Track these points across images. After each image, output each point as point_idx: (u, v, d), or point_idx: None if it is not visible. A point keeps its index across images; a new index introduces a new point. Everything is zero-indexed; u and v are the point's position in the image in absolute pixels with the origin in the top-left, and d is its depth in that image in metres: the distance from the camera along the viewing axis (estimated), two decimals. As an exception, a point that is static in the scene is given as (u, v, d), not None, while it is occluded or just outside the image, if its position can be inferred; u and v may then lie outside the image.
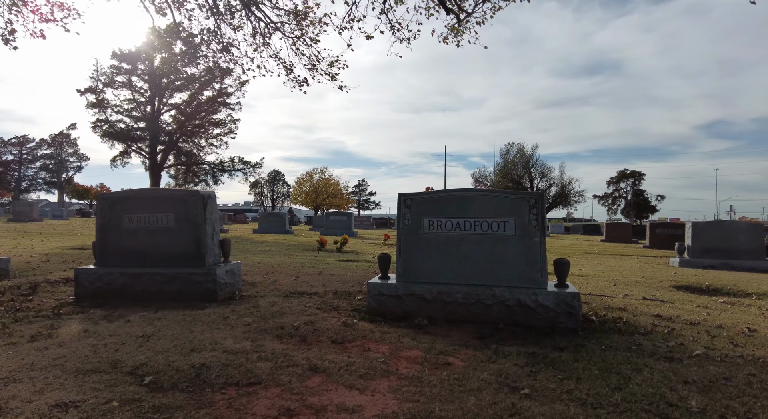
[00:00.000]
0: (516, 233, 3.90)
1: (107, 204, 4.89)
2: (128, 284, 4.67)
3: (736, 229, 9.21)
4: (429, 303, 3.99)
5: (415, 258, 4.13)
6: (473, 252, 3.99)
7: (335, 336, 3.37)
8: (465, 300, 3.91)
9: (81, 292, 4.72)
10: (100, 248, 4.89)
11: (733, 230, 9.20)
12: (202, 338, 3.21)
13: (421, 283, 4.06)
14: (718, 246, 9.15)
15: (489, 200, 3.98)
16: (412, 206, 4.16)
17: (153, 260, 4.79)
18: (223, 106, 21.49)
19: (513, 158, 55.09)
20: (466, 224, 4.02)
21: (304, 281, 5.74)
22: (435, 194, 4.16)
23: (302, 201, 58.36)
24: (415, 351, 3.10)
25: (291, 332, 3.45)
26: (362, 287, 5.41)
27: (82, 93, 20.01)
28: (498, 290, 3.84)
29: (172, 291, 4.62)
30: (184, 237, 4.75)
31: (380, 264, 4.38)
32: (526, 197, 3.90)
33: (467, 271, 4.00)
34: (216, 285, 4.56)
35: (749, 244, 9.09)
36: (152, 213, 4.81)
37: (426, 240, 4.11)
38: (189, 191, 4.87)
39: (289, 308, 4.18)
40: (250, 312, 4.01)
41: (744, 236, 9.11)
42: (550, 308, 3.71)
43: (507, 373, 2.63)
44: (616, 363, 2.79)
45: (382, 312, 4.09)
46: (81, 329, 3.42)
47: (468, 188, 4.07)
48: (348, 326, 3.66)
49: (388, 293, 4.08)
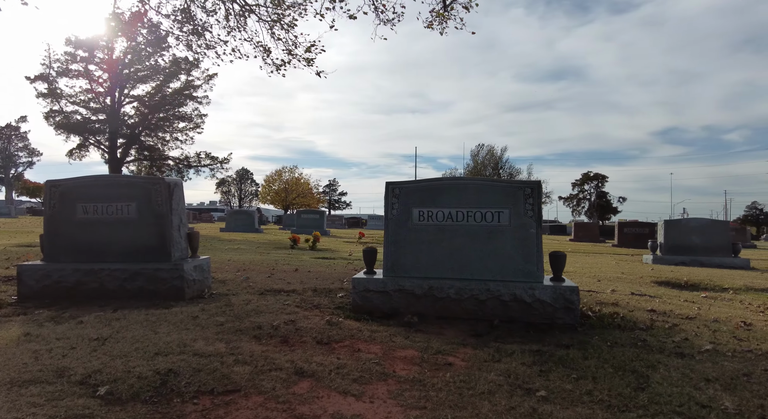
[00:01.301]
0: (511, 224, 3.68)
1: (58, 192, 4.36)
2: (82, 282, 4.17)
3: (706, 228, 9.44)
4: (419, 299, 3.72)
5: (403, 251, 3.85)
6: (466, 245, 3.75)
7: (320, 336, 3.04)
8: (458, 296, 3.66)
9: (25, 291, 4.18)
10: (49, 242, 4.35)
11: (702, 228, 9.43)
12: (169, 340, 2.81)
13: (411, 278, 3.78)
14: (688, 244, 9.35)
15: (483, 189, 3.75)
16: (400, 196, 3.88)
17: (112, 254, 4.30)
18: (189, 99, 20.52)
19: (483, 160, 55.79)
20: (459, 215, 3.78)
21: (280, 279, 5.36)
22: (425, 182, 3.90)
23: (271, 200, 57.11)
24: (410, 351, 2.81)
25: (270, 332, 3.10)
26: (343, 285, 5.08)
27: (32, 81, 18.58)
28: (493, 285, 3.61)
29: (134, 289, 4.15)
30: (147, 229, 4.29)
31: (366, 258, 4.08)
32: (522, 186, 3.70)
33: (459, 265, 3.75)
34: (183, 282, 4.13)
35: (717, 242, 9.33)
36: (111, 203, 4.32)
37: (415, 232, 3.84)
38: (153, 177, 4.40)
39: (266, 307, 3.81)
40: (223, 311, 3.62)
41: (712, 234, 9.35)
42: (548, 304, 3.52)
43: (516, 373, 2.38)
44: (628, 360, 2.60)
45: (368, 310, 3.78)
46: (21, 332, 2.95)
47: (461, 177, 3.85)
48: (333, 325, 3.34)
49: (374, 288, 3.78)
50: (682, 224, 9.55)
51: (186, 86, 20.34)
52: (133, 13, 13.59)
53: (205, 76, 20.29)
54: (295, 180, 57.35)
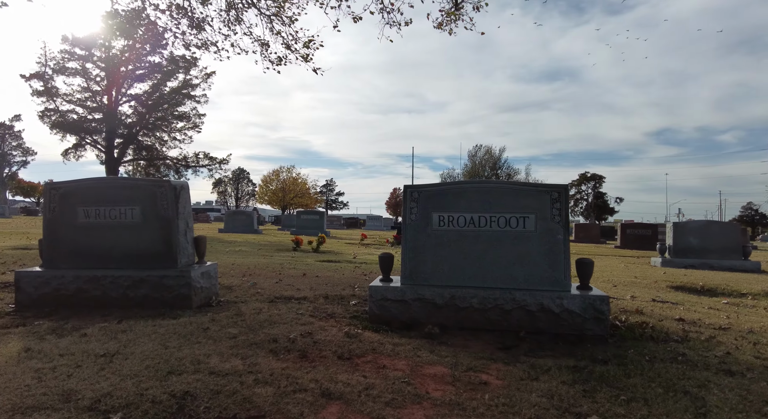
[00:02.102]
0: (537, 229, 3.52)
1: (58, 195, 4.16)
2: (84, 290, 3.97)
3: (716, 229, 9.32)
4: (440, 309, 3.54)
5: (423, 258, 3.67)
6: (489, 251, 3.58)
7: (340, 350, 2.86)
8: (481, 305, 3.48)
9: (23, 299, 3.98)
10: (48, 248, 4.15)
11: (712, 230, 9.31)
12: (181, 355, 2.62)
13: (431, 286, 3.61)
14: (698, 246, 9.23)
15: (507, 193, 3.58)
16: (419, 200, 3.70)
17: (115, 260, 4.10)
18: (187, 98, 20.24)
19: (480, 160, 55.72)
20: (482, 220, 3.60)
21: (289, 284, 5.17)
22: (446, 186, 3.72)
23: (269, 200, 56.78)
24: (439, 367, 2.64)
25: (287, 345, 2.91)
26: (355, 291, 4.90)
27: (27, 79, 18.22)
28: (518, 294, 3.44)
29: (138, 297, 3.95)
30: (152, 234, 4.09)
31: (382, 265, 3.90)
32: (549, 189, 3.53)
33: (482, 273, 3.58)
34: (191, 290, 3.94)
35: (727, 244, 9.21)
36: (113, 206, 4.12)
37: (436, 238, 3.66)
38: (158, 180, 4.21)
39: (278, 316, 3.63)
40: (234, 322, 3.43)
41: (723, 236, 9.23)
42: (577, 314, 3.35)
43: (559, 394, 2.21)
44: (675, 378, 2.44)
45: (386, 320, 3.61)
46: (21, 347, 2.75)
47: (484, 180, 3.66)
48: (352, 337, 3.16)
49: (393, 297, 3.61)
50: (691, 226, 9.43)
51: (184, 85, 20.07)
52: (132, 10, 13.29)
53: (204, 75, 20.03)
54: (293, 180, 57.06)
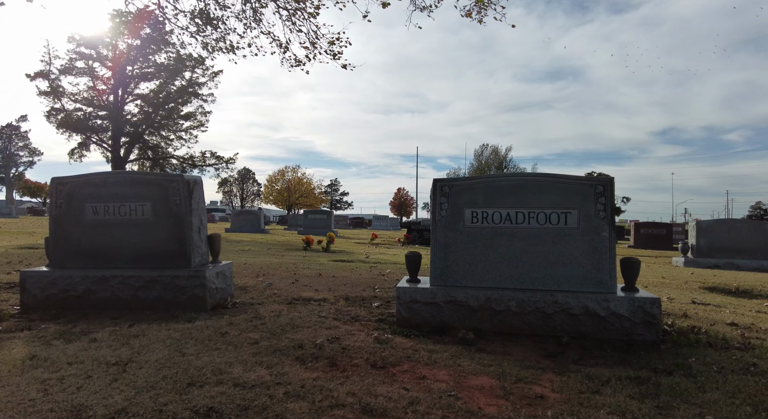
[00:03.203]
0: (580, 226, 3.25)
1: (65, 191, 3.94)
2: (92, 291, 3.75)
3: (741, 228, 9.00)
4: (474, 313, 3.29)
5: (455, 258, 3.42)
6: (528, 250, 3.32)
7: (372, 358, 2.61)
8: (519, 309, 3.22)
9: (28, 301, 3.76)
10: (54, 246, 3.93)
11: (738, 229, 8.99)
12: (200, 364, 2.38)
13: (464, 288, 3.35)
14: (723, 245, 8.91)
15: (547, 187, 3.32)
16: (450, 195, 3.45)
17: (124, 260, 3.87)
18: (194, 96, 20.06)
19: (486, 160, 55.36)
20: (519, 217, 3.35)
21: (306, 285, 4.93)
22: (479, 179, 3.47)
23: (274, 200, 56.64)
24: (484, 378, 2.38)
25: (314, 352, 2.67)
26: (376, 292, 4.65)
27: (32, 78, 18.11)
28: (560, 296, 3.18)
29: (149, 299, 3.72)
30: (164, 232, 3.86)
31: (409, 264, 3.65)
32: (593, 183, 3.27)
33: (519, 273, 3.32)
34: (205, 291, 3.70)
35: (753, 244, 8.89)
36: (123, 202, 3.89)
37: (468, 236, 3.41)
38: (170, 174, 3.98)
39: (300, 320, 3.38)
40: (254, 326, 3.19)
41: (750, 235, 8.91)
42: (625, 318, 3.08)
43: (631, 412, 1.95)
44: (757, 393, 2.17)
45: (415, 323, 3.35)
46: (26, 354, 2.52)
47: (522, 172, 3.39)
48: (382, 343, 2.91)
49: (423, 299, 3.35)
50: (716, 225, 9.11)
51: (190, 84, 19.89)
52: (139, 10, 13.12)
53: (210, 74, 19.85)
54: (298, 180, 56.90)
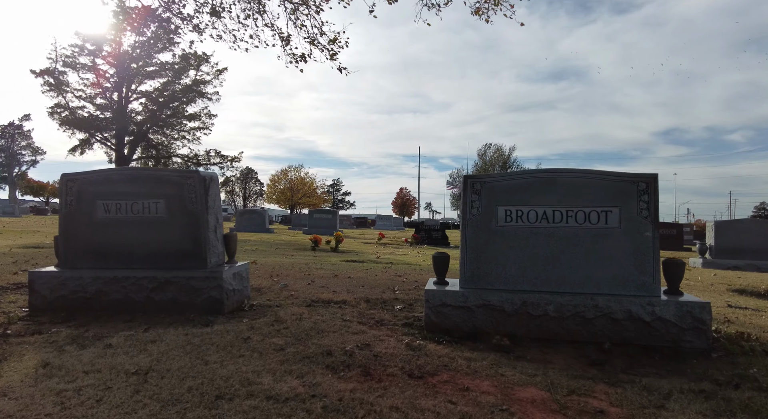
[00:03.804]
0: (621, 226, 3.07)
1: (75, 188, 3.76)
2: (104, 292, 3.57)
3: (761, 228, 8.79)
4: (509, 317, 3.11)
5: (487, 259, 3.24)
6: (565, 251, 3.14)
7: (408, 367, 2.44)
8: (558, 313, 3.04)
9: (37, 303, 3.59)
10: (64, 245, 3.76)
11: (758, 229, 8.78)
12: (226, 373, 2.20)
13: (498, 291, 3.17)
14: (742, 246, 8.70)
15: (586, 184, 3.14)
16: (482, 192, 3.27)
17: (137, 260, 3.70)
18: (199, 95, 19.90)
19: (490, 159, 55.13)
20: (556, 215, 3.16)
21: (323, 286, 4.75)
22: (514, 175, 3.28)
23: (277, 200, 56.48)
24: (533, 390, 2.20)
25: (345, 360, 2.49)
26: (396, 294, 4.47)
27: (37, 74, 17.95)
28: (602, 300, 2.99)
29: (164, 301, 3.55)
30: (179, 231, 3.69)
31: (436, 265, 3.47)
32: (635, 179, 3.08)
33: (557, 275, 3.14)
34: (222, 293, 3.53)
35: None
36: (136, 200, 3.72)
37: (502, 235, 3.22)
38: (185, 170, 3.81)
39: (324, 324, 3.20)
40: (277, 330, 3.02)
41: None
42: (672, 323, 2.90)
43: (707, 430, 1.77)
44: (834, 406, 1.99)
45: (445, 328, 3.17)
46: (39, 362, 2.35)
47: (559, 168, 3.21)
48: (415, 350, 2.73)
49: (453, 303, 3.17)
50: (735, 225, 8.90)
51: (195, 82, 19.74)
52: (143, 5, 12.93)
53: (215, 71, 19.69)
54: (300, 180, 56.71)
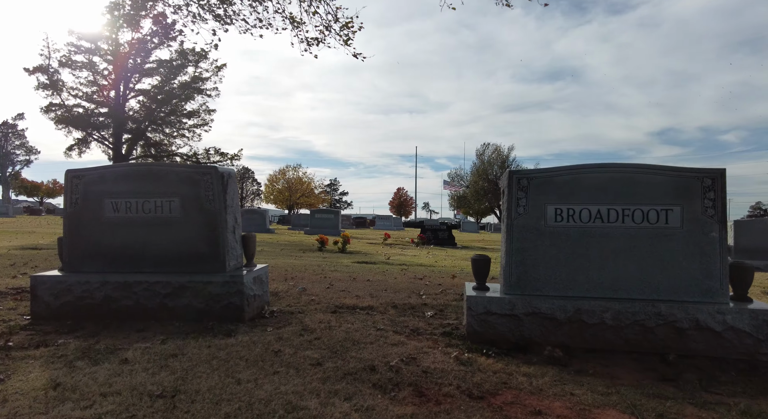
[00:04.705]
0: (683, 225, 2.81)
1: (81, 185, 3.47)
2: (112, 298, 3.28)
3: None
4: (560, 326, 2.84)
5: (534, 262, 2.97)
6: (621, 253, 2.87)
7: (464, 385, 2.16)
8: (615, 322, 2.78)
9: (40, 310, 3.29)
10: (70, 247, 3.46)
11: (779, 228, 8.57)
12: (264, 395, 1.92)
13: (547, 297, 2.90)
14: (765, 246, 8.48)
15: (645, 180, 2.87)
16: (529, 189, 3.00)
17: (149, 263, 3.41)
18: (197, 92, 19.54)
19: (489, 159, 54.85)
20: (611, 214, 2.90)
21: (343, 290, 4.47)
22: (565, 170, 3.01)
23: (274, 199, 56.05)
24: (613, 413, 1.94)
25: (392, 377, 2.21)
26: (423, 299, 4.20)
27: (30, 72, 17.55)
28: (664, 307, 2.73)
29: (178, 308, 3.26)
30: (194, 231, 3.40)
31: (476, 269, 3.19)
32: (700, 174, 2.82)
33: (611, 280, 2.88)
34: (243, 299, 3.24)
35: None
36: (148, 198, 3.43)
37: (550, 237, 2.96)
38: (202, 166, 3.51)
39: (357, 333, 2.93)
40: (308, 341, 2.74)
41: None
42: (746, 334, 2.64)
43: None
44: None
45: (489, 339, 2.90)
46: (48, 380, 2.05)
47: (615, 163, 2.95)
48: (465, 364, 2.46)
49: (499, 311, 2.90)
50: (757, 225, 8.69)
51: (194, 79, 19.38)
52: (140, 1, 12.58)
53: (214, 68, 19.33)
54: (298, 179, 56.30)
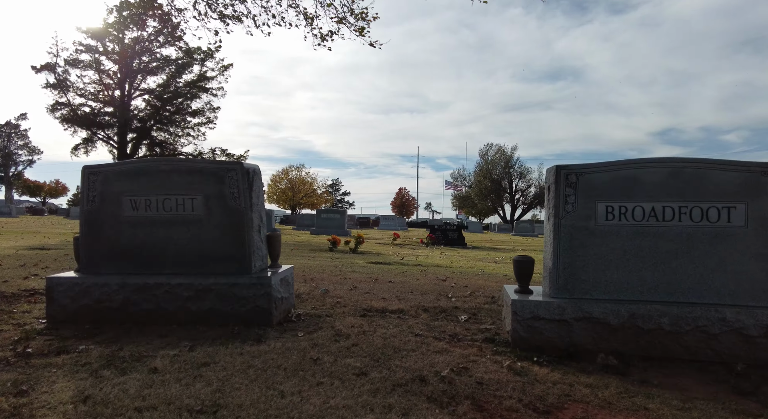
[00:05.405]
0: (749, 224, 2.62)
1: (99, 181, 3.29)
2: (132, 301, 3.10)
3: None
4: (614, 332, 2.65)
5: (583, 263, 2.78)
6: (678, 254, 2.69)
7: (526, 398, 1.98)
8: (674, 327, 2.59)
9: (56, 313, 3.11)
10: (86, 247, 3.28)
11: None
12: (313, 410, 1.74)
13: (598, 301, 2.72)
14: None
15: (704, 176, 2.69)
16: (578, 186, 2.81)
17: (170, 264, 3.23)
18: (203, 91, 19.38)
19: (492, 158, 54.63)
20: (667, 212, 2.71)
21: (367, 292, 4.29)
22: (617, 166, 2.82)
23: (277, 199, 55.91)
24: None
25: (445, 389, 2.03)
26: (452, 302, 4.01)
27: (38, 71, 17.41)
28: (730, 313, 2.54)
29: (202, 311, 3.08)
30: (218, 230, 3.22)
31: (519, 270, 3.01)
32: (764, 168, 2.63)
33: (669, 283, 2.69)
34: (271, 302, 3.06)
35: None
36: (169, 195, 3.25)
37: (601, 236, 2.77)
38: (226, 162, 3.33)
39: (395, 339, 2.74)
40: (345, 348, 2.55)
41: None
42: (818, 340, 2.45)
43: None
44: None
45: (536, 345, 2.72)
46: (75, 393, 1.87)
47: (669, 157, 2.76)
48: (520, 374, 2.28)
49: (547, 316, 2.71)
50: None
51: (200, 78, 19.22)
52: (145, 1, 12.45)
53: (220, 67, 19.18)
54: (301, 179, 56.13)
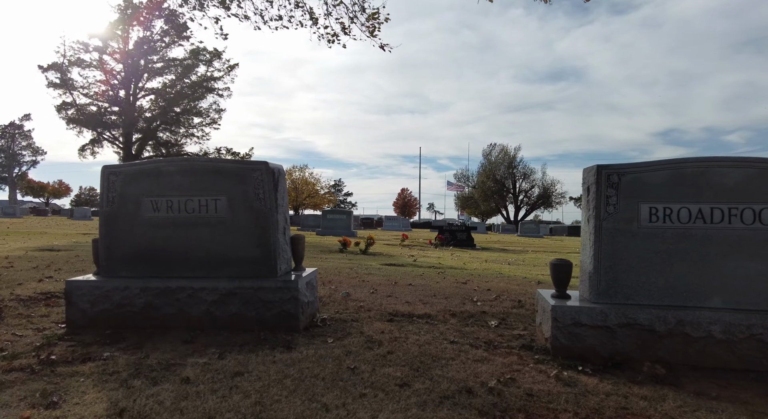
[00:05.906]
0: (802, 228, 2.50)
1: (119, 182, 3.19)
2: (153, 306, 3.00)
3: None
4: (660, 340, 2.54)
5: (627, 267, 2.67)
6: (727, 258, 2.57)
7: (582, 412, 1.87)
8: (726, 335, 2.47)
9: (76, 318, 3.01)
10: (106, 250, 3.18)
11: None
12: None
13: (642, 306, 2.60)
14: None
15: (755, 175, 2.57)
16: (621, 186, 2.70)
17: (192, 267, 3.13)
18: (209, 91, 19.31)
19: (495, 159, 54.49)
20: (715, 214, 2.60)
21: (389, 296, 4.18)
22: (661, 165, 2.71)
23: (280, 200, 55.75)
24: (775, 447, 1.63)
25: (495, 401, 1.92)
26: (478, 306, 3.90)
27: (44, 70, 17.37)
28: (784, 320, 2.42)
29: (226, 316, 2.98)
30: (242, 233, 3.11)
31: (557, 274, 2.89)
32: (820, 172, 2.51)
33: (718, 288, 2.57)
34: (297, 306, 2.96)
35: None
36: (191, 196, 3.15)
37: (645, 239, 2.66)
38: (251, 161, 3.23)
39: (430, 347, 2.63)
40: (381, 356, 2.44)
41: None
42: None
43: None
44: None
45: (578, 353, 2.60)
46: (109, 406, 1.77)
47: (716, 157, 2.64)
48: (570, 385, 2.16)
49: (589, 322, 2.60)
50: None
51: (206, 78, 19.16)
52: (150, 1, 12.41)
53: (227, 67, 19.10)
54: (304, 180, 56.04)
